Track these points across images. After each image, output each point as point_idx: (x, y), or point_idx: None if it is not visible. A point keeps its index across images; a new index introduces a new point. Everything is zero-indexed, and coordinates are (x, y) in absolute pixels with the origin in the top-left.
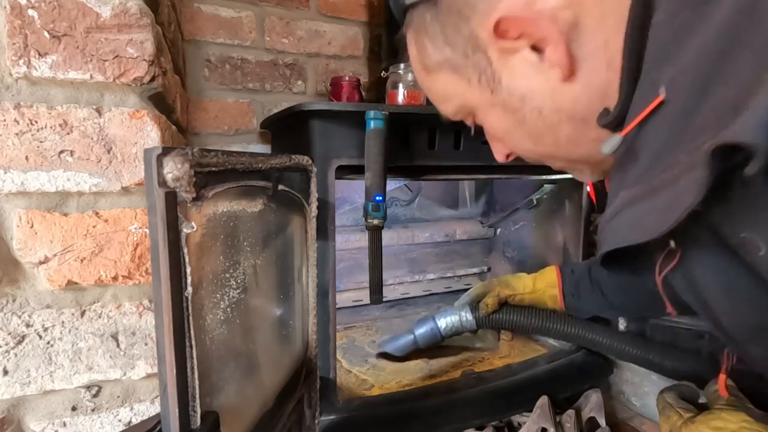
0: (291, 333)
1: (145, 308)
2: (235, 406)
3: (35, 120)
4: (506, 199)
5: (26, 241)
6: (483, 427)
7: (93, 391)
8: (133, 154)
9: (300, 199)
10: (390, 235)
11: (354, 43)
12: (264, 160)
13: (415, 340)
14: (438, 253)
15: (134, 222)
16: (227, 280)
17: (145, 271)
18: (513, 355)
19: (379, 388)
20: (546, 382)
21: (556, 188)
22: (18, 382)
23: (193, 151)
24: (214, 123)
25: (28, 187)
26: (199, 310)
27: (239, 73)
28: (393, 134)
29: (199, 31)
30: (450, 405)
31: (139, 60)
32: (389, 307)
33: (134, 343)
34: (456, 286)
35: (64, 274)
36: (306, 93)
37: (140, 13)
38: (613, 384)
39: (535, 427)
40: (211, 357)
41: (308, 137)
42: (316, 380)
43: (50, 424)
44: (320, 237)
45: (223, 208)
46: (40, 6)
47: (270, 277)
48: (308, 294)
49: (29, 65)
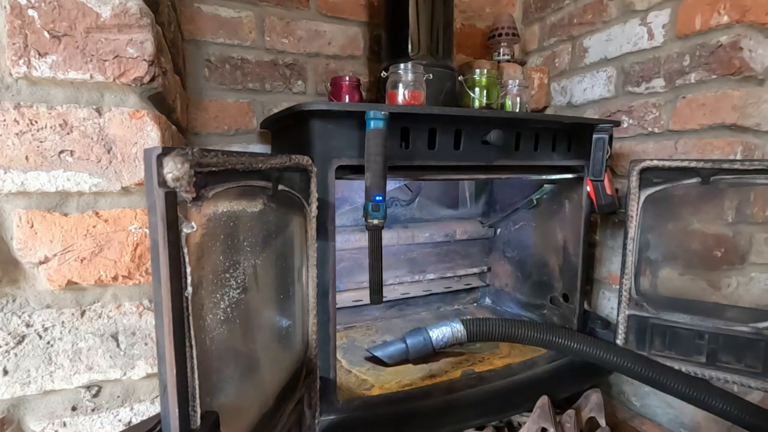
0: (291, 333)
1: (145, 308)
2: (235, 406)
3: (35, 120)
4: (506, 199)
5: (26, 241)
6: (483, 427)
7: (93, 391)
8: (133, 154)
9: (300, 199)
10: (390, 235)
11: (354, 43)
12: (264, 160)
13: (406, 349)
14: (438, 253)
15: (134, 222)
16: (227, 280)
17: (145, 271)
18: (513, 355)
19: (379, 388)
20: (546, 382)
21: (556, 188)
22: (18, 382)
23: (193, 151)
24: (214, 123)
25: (28, 187)
26: (199, 310)
27: (239, 73)
28: (393, 134)
29: (199, 31)
30: (450, 405)
31: (139, 60)
32: (389, 307)
33: (134, 343)
34: (456, 286)
35: (64, 274)
36: (306, 93)
37: (140, 13)
38: (613, 384)
39: (535, 427)
40: (211, 357)
41: (308, 137)
42: (316, 380)
43: (50, 424)
44: (320, 237)
45: (223, 208)
46: (40, 6)
47: (270, 277)
48: (308, 294)
49: (29, 65)
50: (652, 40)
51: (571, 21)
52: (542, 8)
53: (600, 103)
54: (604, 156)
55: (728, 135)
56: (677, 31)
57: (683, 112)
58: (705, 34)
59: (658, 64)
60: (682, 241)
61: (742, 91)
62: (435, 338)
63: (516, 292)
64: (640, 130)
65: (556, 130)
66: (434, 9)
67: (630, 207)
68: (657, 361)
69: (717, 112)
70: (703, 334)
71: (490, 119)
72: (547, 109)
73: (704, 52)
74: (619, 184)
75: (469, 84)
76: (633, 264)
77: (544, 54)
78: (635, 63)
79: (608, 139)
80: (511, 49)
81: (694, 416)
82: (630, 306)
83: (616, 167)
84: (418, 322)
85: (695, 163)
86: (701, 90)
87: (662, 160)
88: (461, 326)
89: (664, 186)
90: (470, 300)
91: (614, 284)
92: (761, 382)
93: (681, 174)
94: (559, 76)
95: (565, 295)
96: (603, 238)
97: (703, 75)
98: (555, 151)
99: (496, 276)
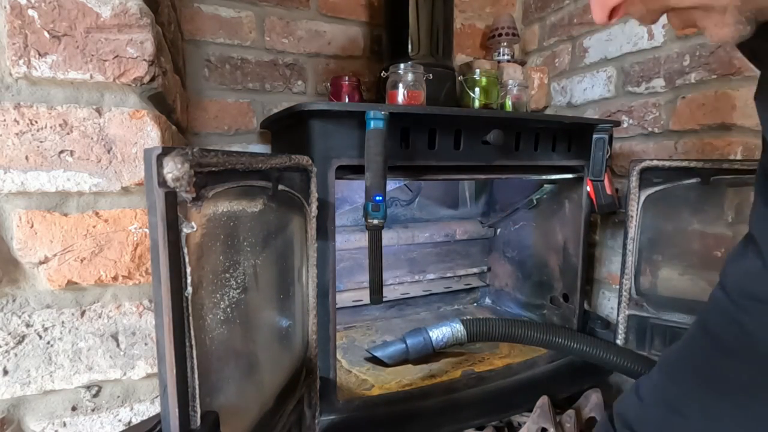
0: (291, 333)
1: (145, 308)
2: (235, 406)
3: (35, 120)
4: (506, 199)
5: (26, 241)
6: (483, 427)
7: (93, 391)
8: (133, 154)
9: (300, 199)
10: (390, 235)
11: (354, 43)
12: (264, 160)
13: (406, 349)
14: (438, 253)
15: (134, 222)
16: (227, 280)
17: (145, 271)
18: (513, 355)
19: (379, 388)
20: (546, 382)
21: (556, 188)
22: (18, 382)
23: (193, 151)
24: (214, 123)
25: (28, 187)
26: (199, 310)
27: (239, 73)
28: (393, 134)
29: (199, 31)
30: (450, 405)
31: (139, 60)
32: (389, 307)
33: (134, 343)
34: (456, 286)
35: (64, 274)
36: (306, 93)
37: (140, 13)
38: (613, 384)
39: (535, 427)
40: (211, 357)
41: (308, 137)
42: (316, 380)
43: (50, 424)
44: (320, 237)
45: (223, 208)
46: (40, 6)
47: (270, 277)
48: (308, 294)
49: (29, 65)
50: (652, 40)
51: (571, 21)
52: (542, 8)
53: (600, 103)
54: (604, 156)
55: (728, 135)
56: (677, 31)
57: (683, 112)
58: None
59: (658, 64)
60: (682, 241)
61: (742, 91)
62: (435, 338)
63: (516, 292)
64: (640, 130)
65: (556, 130)
66: (434, 9)
67: (630, 207)
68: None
69: (717, 112)
70: None
71: (490, 119)
72: (547, 109)
73: (704, 52)
74: (619, 184)
75: (469, 84)
76: (633, 264)
77: (544, 54)
78: (635, 63)
79: (608, 139)
80: (511, 49)
81: None
82: (630, 306)
83: (616, 167)
84: (418, 322)
85: (695, 163)
86: (701, 90)
87: (662, 160)
88: (461, 326)
89: (664, 186)
90: (470, 300)
91: (614, 284)
92: None
93: (681, 174)
94: (559, 76)
95: (565, 295)
96: (603, 238)
97: (703, 75)
98: (555, 151)
99: (496, 276)
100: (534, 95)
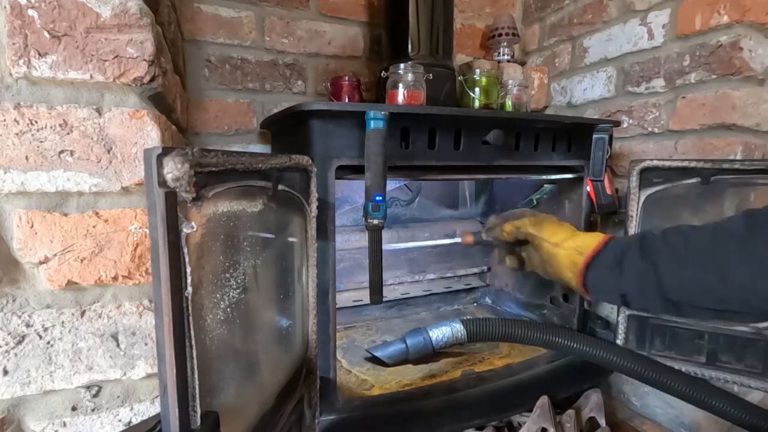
0: (291, 333)
1: (145, 308)
2: (235, 406)
3: (35, 120)
4: (506, 199)
5: (26, 241)
6: (483, 427)
7: (93, 391)
8: (133, 154)
9: (300, 199)
10: (390, 235)
11: (354, 43)
12: (264, 160)
13: (406, 349)
14: (438, 253)
15: (134, 222)
16: (227, 280)
17: (145, 271)
18: (513, 355)
19: (379, 388)
20: (546, 382)
21: (556, 188)
22: (18, 382)
23: (193, 151)
24: (214, 123)
25: (28, 187)
26: (199, 310)
27: (239, 73)
28: (393, 134)
29: (199, 31)
30: (450, 405)
31: (139, 60)
32: (389, 307)
33: (134, 343)
34: (456, 286)
35: (64, 274)
36: (306, 93)
37: (140, 13)
38: (613, 384)
39: (535, 427)
40: (211, 357)
41: (308, 137)
42: (316, 380)
43: (50, 424)
44: (320, 237)
45: (223, 208)
46: (40, 6)
47: (270, 277)
48: (308, 294)
49: (29, 65)
50: (652, 40)
51: (571, 21)
52: (542, 8)
53: (600, 103)
54: (604, 156)
55: (728, 135)
56: (677, 31)
57: (683, 112)
58: (705, 34)
59: (658, 64)
60: None
61: (742, 91)
62: (435, 338)
63: (516, 292)
64: (640, 130)
65: (556, 130)
66: (434, 9)
67: (630, 207)
68: (657, 361)
69: (717, 112)
70: (703, 334)
71: (490, 119)
72: (547, 109)
73: (704, 52)
74: (619, 184)
75: (469, 84)
76: None
77: (544, 54)
78: (635, 63)
79: (608, 139)
80: (511, 49)
81: (694, 416)
82: None
83: (616, 167)
84: (418, 322)
85: (695, 163)
86: (701, 90)
87: (662, 160)
88: (461, 326)
89: (664, 186)
90: (470, 300)
91: None
92: (761, 382)
93: (681, 174)
94: (559, 76)
95: (565, 295)
96: None
97: (703, 75)
98: (555, 151)
99: (496, 276)
100: (534, 95)
